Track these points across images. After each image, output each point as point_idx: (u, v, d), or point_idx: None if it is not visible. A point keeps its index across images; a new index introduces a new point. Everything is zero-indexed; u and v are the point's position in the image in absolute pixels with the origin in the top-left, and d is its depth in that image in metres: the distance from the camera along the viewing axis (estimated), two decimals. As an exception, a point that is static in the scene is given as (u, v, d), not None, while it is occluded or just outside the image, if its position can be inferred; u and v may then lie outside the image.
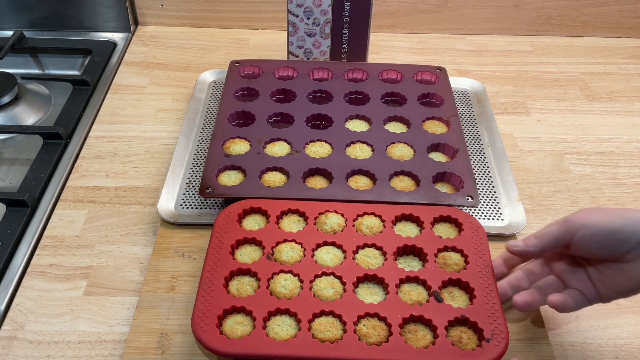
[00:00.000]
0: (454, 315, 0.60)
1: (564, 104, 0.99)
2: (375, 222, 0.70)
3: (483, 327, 0.58)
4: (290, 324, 0.59)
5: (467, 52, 1.10)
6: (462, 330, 0.59)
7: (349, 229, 0.69)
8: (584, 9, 1.11)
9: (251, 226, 0.70)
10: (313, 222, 0.70)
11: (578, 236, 0.56)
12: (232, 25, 1.13)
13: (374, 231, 0.69)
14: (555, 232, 0.57)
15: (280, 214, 0.71)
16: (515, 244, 0.61)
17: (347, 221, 0.70)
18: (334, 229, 0.69)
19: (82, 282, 0.70)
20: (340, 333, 0.58)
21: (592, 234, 0.55)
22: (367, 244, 0.67)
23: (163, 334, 0.63)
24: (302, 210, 0.71)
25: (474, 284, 0.63)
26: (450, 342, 0.58)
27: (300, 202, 0.72)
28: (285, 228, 0.69)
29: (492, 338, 0.57)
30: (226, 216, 0.70)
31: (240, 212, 0.71)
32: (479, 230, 0.69)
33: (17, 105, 0.96)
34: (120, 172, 0.84)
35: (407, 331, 0.59)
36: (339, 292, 0.62)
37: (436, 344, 0.57)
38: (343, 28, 0.95)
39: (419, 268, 0.66)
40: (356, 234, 0.68)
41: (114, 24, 1.11)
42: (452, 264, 0.65)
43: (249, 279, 0.64)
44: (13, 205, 0.78)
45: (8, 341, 0.64)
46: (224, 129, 0.83)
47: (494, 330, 0.58)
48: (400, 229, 0.70)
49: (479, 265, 0.65)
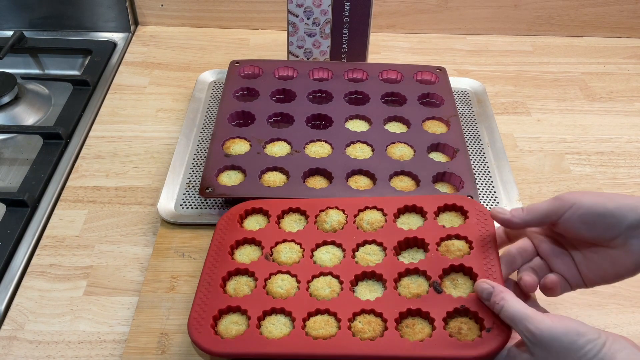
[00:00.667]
0: (453, 306, 0.58)
1: (564, 104, 0.99)
2: (377, 217, 0.68)
3: (484, 317, 0.56)
4: (285, 322, 0.59)
5: (467, 52, 1.10)
6: (462, 321, 0.57)
7: (349, 226, 0.68)
8: (584, 9, 1.11)
9: (252, 226, 0.70)
10: (314, 220, 0.69)
11: (567, 214, 0.54)
12: (232, 25, 1.13)
13: (374, 227, 0.67)
14: (545, 207, 0.56)
15: (281, 213, 0.70)
16: (501, 211, 0.58)
17: (347, 217, 0.69)
18: (335, 227, 0.68)
19: (82, 282, 0.70)
20: (335, 330, 0.57)
21: (582, 214, 0.54)
22: (367, 240, 0.66)
23: (163, 334, 0.63)
24: (302, 208, 0.70)
25: (477, 269, 0.59)
26: (448, 333, 0.56)
27: (301, 200, 0.71)
28: (285, 227, 0.69)
29: (493, 327, 0.55)
30: (228, 219, 0.70)
31: (241, 213, 0.70)
32: (485, 216, 0.65)
33: (17, 105, 0.96)
34: (120, 172, 0.84)
35: (404, 325, 0.57)
36: (336, 290, 0.61)
37: (433, 336, 0.55)
38: (343, 28, 0.95)
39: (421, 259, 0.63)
40: (356, 231, 0.67)
41: (114, 24, 1.11)
42: (455, 251, 0.62)
43: (247, 279, 0.63)
44: (13, 205, 0.78)
45: (8, 341, 0.64)
46: (224, 129, 0.83)
47: (495, 320, 0.55)
48: (403, 222, 0.68)
49: (484, 250, 0.61)
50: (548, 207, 0.56)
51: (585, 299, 0.69)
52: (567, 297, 0.69)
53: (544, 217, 0.56)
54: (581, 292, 0.70)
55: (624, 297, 0.69)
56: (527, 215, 0.57)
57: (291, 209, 0.71)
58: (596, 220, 0.53)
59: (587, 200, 0.54)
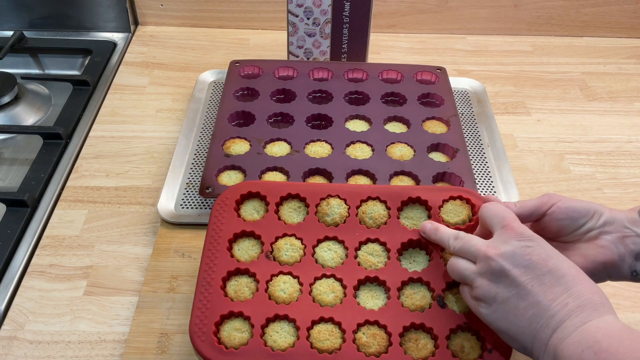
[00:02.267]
0: (456, 323, 0.58)
1: (564, 104, 0.99)
2: (380, 211, 0.66)
3: (485, 336, 0.56)
4: (289, 330, 0.58)
5: (467, 52, 1.10)
6: (464, 338, 0.57)
7: (351, 219, 0.66)
8: (584, 9, 1.11)
9: (249, 213, 0.67)
10: (314, 210, 0.67)
11: (554, 208, 0.58)
12: (232, 25, 1.13)
13: (378, 222, 0.66)
14: (534, 203, 0.59)
15: (280, 199, 0.68)
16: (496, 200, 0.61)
17: (350, 209, 0.67)
18: (336, 220, 0.66)
19: (82, 282, 0.70)
20: (340, 342, 0.57)
21: (566, 207, 0.57)
22: (370, 238, 0.65)
23: (163, 334, 0.63)
24: (302, 195, 0.68)
25: None
26: (450, 353, 0.56)
27: (300, 185, 0.69)
28: (285, 217, 0.67)
29: (494, 348, 0.56)
30: (223, 203, 0.67)
31: (237, 198, 0.68)
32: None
33: (17, 105, 0.96)
34: (120, 172, 0.84)
35: (407, 339, 0.57)
36: (339, 296, 0.61)
37: (436, 355, 0.56)
38: (343, 28, 0.95)
39: (424, 266, 0.63)
40: (359, 227, 0.65)
41: (114, 24, 1.11)
42: None
43: (247, 279, 0.62)
44: (13, 205, 0.78)
45: (8, 341, 0.64)
46: (224, 129, 0.83)
47: (496, 340, 0.56)
48: (406, 216, 0.67)
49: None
50: (537, 202, 0.59)
51: (585, 299, 0.69)
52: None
53: (534, 211, 0.59)
54: (581, 292, 0.70)
55: (624, 297, 0.69)
56: (518, 210, 0.59)
57: (290, 195, 0.68)
58: (578, 214, 0.57)
59: (572, 200, 0.58)
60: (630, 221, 0.56)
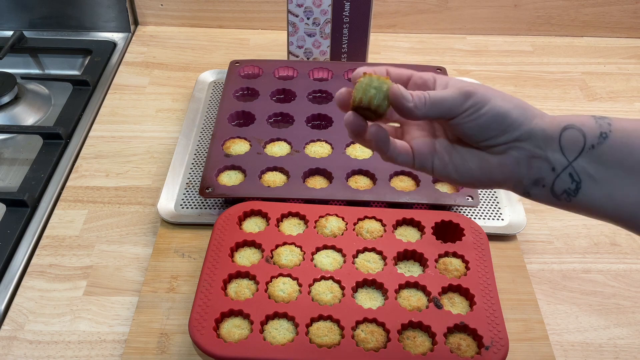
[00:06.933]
0: (453, 322, 0.60)
1: (564, 104, 0.99)
2: (376, 226, 0.69)
3: (482, 334, 0.58)
4: (288, 328, 0.59)
5: (467, 52, 1.10)
6: (461, 337, 0.59)
7: (349, 232, 0.69)
8: (584, 9, 1.11)
9: (251, 228, 0.70)
10: (313, 225, 0.69)
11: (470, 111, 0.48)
12: (232, 25, 1.13)
13: (374, 235, 0.68)
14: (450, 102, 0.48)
15: (280, 216, 0.70)
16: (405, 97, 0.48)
17: (347, 225, 0.70)
18: (334, 232, 0.69)
19: (82, 282, 0.70)
20: (338, 338, 0.58)
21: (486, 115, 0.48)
22: (367, 248, 0.67)
23: (163, 334, 0.63)
24: (302, 213, 0.71)
25: (475, 291, 0.62)
26: (449, 349, 0.57)
27: (301, 204, 0.72)
28: (285, 231, 0.69)
29: (492, 346, 0.57)
30: (226, 218, 0.70)
31: (240, 214, 0.70)
32: (480, 235, 0.68)
33: (17, 105, 0.96)
34: (120, 172, 0.84)
35: (405, 337, 0.59)
36: (337, 296, 0.62)
37: (434, 351, 0.57)
38: (343, 28, 0.95)
39: (419, 273, 0.65)
40: (356, 238, 0.68)
41: (114, 24, 1.11)
42: (453, 270, 0.65)
43: (248, 281, 0.64)
44: (13, 205, 0.78)
45: (8, 341, 0.64)
46: (224, 129, 0.83)
47: (493, 337, 0.58)
48: (401, 234, 0.70)
49: (480, 271, 0.64)
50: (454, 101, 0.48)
51: (585, 299, 0.69)
52: (567, 297, 0.70)
53: (448, 111, 0.48)
54: (581, 292, 0.70)
55: (624, 297, 0.69)
56: (430, 110, 0.48)
57: (290, 213, 0.71)
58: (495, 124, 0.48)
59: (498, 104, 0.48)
60: (546, 139, 0.49)
